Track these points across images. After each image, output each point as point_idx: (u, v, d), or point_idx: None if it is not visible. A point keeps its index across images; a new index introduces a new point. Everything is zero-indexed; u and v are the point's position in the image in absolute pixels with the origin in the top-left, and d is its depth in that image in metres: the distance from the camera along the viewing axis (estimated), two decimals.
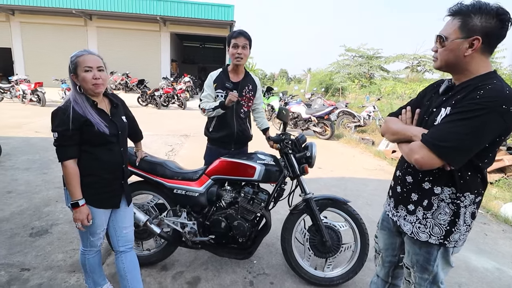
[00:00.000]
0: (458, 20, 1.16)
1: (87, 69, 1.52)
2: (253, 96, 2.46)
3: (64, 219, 2.94)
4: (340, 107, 9.29)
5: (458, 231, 1.27)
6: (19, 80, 11.16)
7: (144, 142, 2.21)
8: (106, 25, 17.79)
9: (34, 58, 17.49)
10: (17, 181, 3.86)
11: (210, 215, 2.18)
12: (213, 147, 2.50)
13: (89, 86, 1.54)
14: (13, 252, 2.39)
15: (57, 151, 1.52)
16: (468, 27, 1.13)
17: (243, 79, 2.40)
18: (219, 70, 2.44)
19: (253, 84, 2.45)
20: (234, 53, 2.26)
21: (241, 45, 2.24)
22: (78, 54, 1.53)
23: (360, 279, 2.31)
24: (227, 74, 2.39)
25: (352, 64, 21.22)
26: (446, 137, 1.12)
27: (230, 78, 2.38)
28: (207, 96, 2.38)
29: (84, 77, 1.52)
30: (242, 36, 2.24)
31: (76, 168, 1.54)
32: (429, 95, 1.40)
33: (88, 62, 1.52)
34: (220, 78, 2.37)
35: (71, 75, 1.55)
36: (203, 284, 2.18)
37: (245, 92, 2.40)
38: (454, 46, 1.17)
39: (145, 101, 11.91)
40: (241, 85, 2.38)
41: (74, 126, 1.49)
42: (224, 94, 2.33)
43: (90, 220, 1.59)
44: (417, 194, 1.34)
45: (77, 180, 1.54)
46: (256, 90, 2.48)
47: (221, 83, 2.34)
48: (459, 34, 1.15)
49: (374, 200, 4.01)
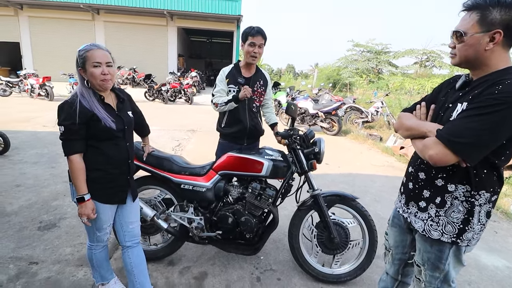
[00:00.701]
0: (476, 14, 1.12)
1: (96, 65, 1.50)
2: (264, 91, 2.47)
3: (71, 213, 2.97)
4: (347, 103, 9.18)
5: (471, 230, 1.24)
6: (27, 74, 11.27)
7: (151, 137, 2.21)
8: (114, 20, 17.82)
9: (42, 53, 17.64)
10: (26, 175, 3.91)
11: (217, 211, 2.17)
12: (225, 143, 2.50)
13: (97, 82, 1.53)
14: (21, 245, 2.43)
15: (63, 145, 1.52)
16: (488, 20, 1.08)
17: (255, 75, 2.42)
18: (231, 65, 2.45)
19: (264, 79, 2.47)
20: (251, 51, 2.26)
21: (258, 44, 2.25)
22: (87, 48, 1.51)
23: (368, 277, 2.29)
24: (239, 69, 2.40)
25: (360, 59, 20.93)
26: (462, 133, 1.09)
27: (242, 74, 2.39)
28: (220, 91, 2.38)
29: (92, 72, 1.50)
30: (260, 35, 2.24)
31: (82, 163, 1.53)
32: (445, 91, 1.36)
33: (97, 57, 1.50)
34: (232, 74, 2.39)
35: (79, 69, 1.53)
36: (210, 280, 2.18)
37: (256, 87, 2.41)
38: (474, 41, 1.13)
39: (152, 96, 11.94)
40: (253, 80, 2.39)
41: (81, 121, 1.48)
42: (237, 89, 2.35)
43: (95, 215, 1.59)
44: (429, 191, 1.31)
45: (83, 174, 1.54)
46: (267, 85, 2.48)
47: (233, 79, 2.36)
48: (478, 28, 1.11)
49: (382, 197, 3.97)
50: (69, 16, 17.33)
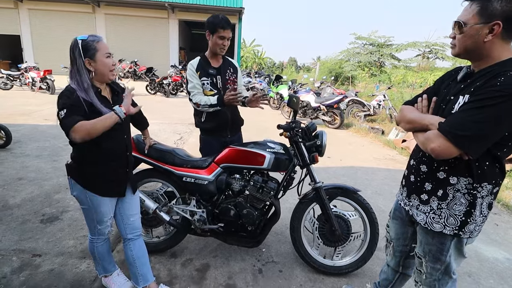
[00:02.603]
0: (476, 4, 1.10)
1: (108, 55, 1.53)
2: (236, 78, 2.42)
3: (74, 206, 2.99)
4: (349, 96, 9.12)
5: (473, 222, 1.24)
6: (28, 67, 11.26)
7: (153, 131, 2.21)
8: (114, 12, 17.65)
9: (43, 46, 17.54)
10: (28, 168, 3.93)
11: (219, 203, 2.18)
12: (208, 138, 2.42)
13: (108, 72, 1.54)
14: (24, 238, 2.45)
15: (65, 122, 1.41)
16: (488, 11, 1.07)
17: (223, 64, 2.38)
18: (198, 58, 2.35)
19: (233, 66, 2.44)
20: (220, 43, 2.22)
21: (228, 37, 2.21)
22: (95, 39, 1.50)
23: (369, 268, 2.30)
24: (207, 60, 2.34)
25: (363, 52, 20.67)
26: (464, 126, 1.08)
27: (212, 64, 2.34)
28: (196, 86, 2.27)
29: (106, 62, 1.52)
30: (229, 28, 2.20)
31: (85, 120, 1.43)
32: (446, 83, 1.35)
33: (107, 48, 1.53)
34: (201, 66, 2.31)
35: (86, 60, 1.48)
36: (212, 272, 2.20)
37: (228, 75, 2.37)
38: (473, 32, 1.12)
39: (153, 89, 11.92)
40: (223, 69, 2.36)
41: (81, 106, 1.46)
42: (209, 81, 2.29)
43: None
44: (431, 184, 1.31)
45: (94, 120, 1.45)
46: (237, 72, 2.45)
47: (204, 71, 2.29)
48: (478, 19, 1.10)
49: (384, 190, 3.97)
50: (70, 8, 17.18)
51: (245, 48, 31.97)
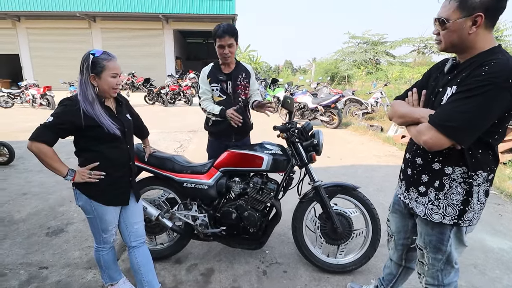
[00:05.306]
0: (455, 0, 1.13)
1: (114, 75, 1.56)
2: (248, 83, 2.46)
3: (78, 218, 3.01)
4: (346, 95, 9.16)
5: (472, 210, 1.26)
6: (28, 85, 11.36)
7: (153, 140, 2.24)
8: (110, 26, 17.90)
9: (42, 63, 17.77)
10: (31, 183, 3.96)
11: (221, 207, 2.20)
12: (214, 140, 2.53)
13: (109, 90, 1.58)
14: (31, 251, 2.47)
15: (38, 130, 1.49)
16: (468, 5, 1.10)
17: (235, 69, 2.41)
18: (211, 64, 2.46)
19: (246, 71, 2.46)
20: (221, 53, 2.26)
21: (227, 44, 2.22)
22: (106, 58, 1.54)
23: (374, 265, 2.31)
24: (219, 67, 2.41)
25: (357, 51, 20.78)
26: (453, 117, 1.11)
27: (222, 70, 2.39)
28: (205, 92, 2.41)
29: (110, 82, 1.55)
30: (226, 35, 2.18)
31: (50, 148, 1.51)
32: (434, 75, 1.38)
33: (115, 68, 1.56)
34: (212, 72, 2.40)
35: (91, 76, 1.53)
36: (217, 275, 2.21)
37: (239, 80, 2.41)
38: (457, 26, 1.15)
39: (151, 99, 11.99)
40: (234, 74, 2.39)
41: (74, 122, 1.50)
42: (219, 86, 2.36)
43: (92, 172, 1.59)
44: (427, 176, 1.32)
45: (56, 155, 1.54)
46: (250, 77, 2.48)
47: (214, 76, 2.37)
48: (459, 14, 1.13)
49: (386, 186, 3.97)
50: (66, 25, 17.45)
51: (241, 54, 32.21)
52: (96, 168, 1.61)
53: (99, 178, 1.60)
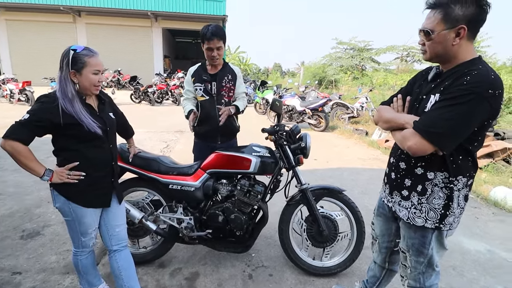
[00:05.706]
0: (439, 12, 1.17)
1: (96, 72, 1.51)
2: (233, 85, 2.43)
3: (56, 220, 2.89)
4: (333, 99, 9.31)
5: (452, 214, 1.30)
6: (6, 79, 10.94)
7: (138, 140, 2.18)
8: (96, 22, 17.41)
9: (22, 57, 17.09)
10: (6, 183, 3.78)
11: (207, 210, 2.17)
12: (200, 142, 2.52)
13: (90, 87, 1.52)
14: (3, 255, 2.34)
15: (12, 127, 1.41)
16: (451, 17, 1.14)
17: (221, 70, 2.39)
18: (198, 64, 2.45)
19: (232, 73, 2.44)
20: (209, 55, 2.25)
21: (215, 47, 2.21)
22: (87, 53, 1.48)
23: (358, 267, 2.33)
24: (205, 67, 2.40)
25: (344, 56, 21.23)
26: (436, 124, 1.15)
27: (208, 71, 2.38)
28: (186, 92, 2.44)
29: (91, 79, 1.50)
30: (215, 37, 2.17)
31: (26, 147, 1.44)
32: (418, 83, 1.43)
33: (97, 65, 1.51)
34: (197, 72, 2.40)
35: (71, 72, 1.46)
36: (202, 280, 2.18)
37: (224, 82, 2.38)
38: (441, 38, 1.19)
39: (138, 98, 11.76)
40: (219, 75, 2.37)
41: (55, 120, 1.43)
42: (203, 86, 2.35)
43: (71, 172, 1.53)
44: (410, 180, 1.36)
45: (32, 154, 1.47)
46: (236, 79, 2.46)
47: (199, 77, 2.37)
48: (443, 25, 1.17)
49: (370, 189, 4.04)
50: (49, 18, 16.86)
51: (230, 55, 32.16)
52: (76, 168, 1.54)
53: (78, 178, 1.54)
